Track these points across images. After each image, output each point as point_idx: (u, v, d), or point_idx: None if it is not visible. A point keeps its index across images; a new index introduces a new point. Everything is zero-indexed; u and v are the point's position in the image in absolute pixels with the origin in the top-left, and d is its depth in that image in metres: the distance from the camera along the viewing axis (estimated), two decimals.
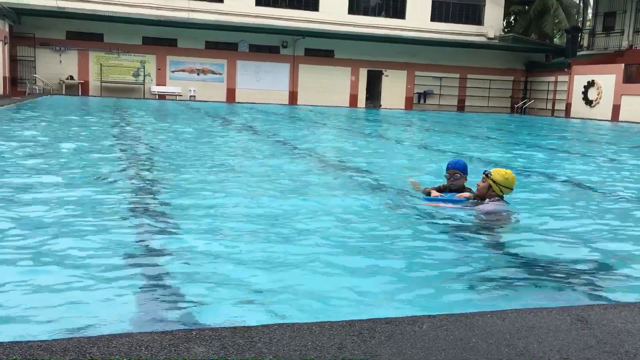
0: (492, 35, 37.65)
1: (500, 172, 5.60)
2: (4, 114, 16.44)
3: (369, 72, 36.40)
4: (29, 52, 30.73)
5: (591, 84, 32.85)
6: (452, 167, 6.13)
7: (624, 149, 14.45)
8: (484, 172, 5.69)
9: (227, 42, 33.82)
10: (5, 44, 28.35)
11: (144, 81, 32.80)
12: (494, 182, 5.55)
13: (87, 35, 31.67)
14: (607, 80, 31.80)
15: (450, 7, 37.35)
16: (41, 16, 30.06)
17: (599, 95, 32.38)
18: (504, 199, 5.66)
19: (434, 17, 36.99)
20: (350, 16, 35.41)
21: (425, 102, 37.35)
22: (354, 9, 35.71)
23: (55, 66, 31.34)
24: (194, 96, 33.10)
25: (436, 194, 6.04)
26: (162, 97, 32.74)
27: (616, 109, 31.18)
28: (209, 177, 7.32)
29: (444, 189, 6.16)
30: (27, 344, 2.20)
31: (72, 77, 31.61)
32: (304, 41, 34.52)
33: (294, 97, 35.30)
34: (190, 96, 33.03)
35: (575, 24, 39.73)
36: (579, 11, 42.47)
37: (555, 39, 44.62)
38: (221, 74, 34.11)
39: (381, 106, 36.52)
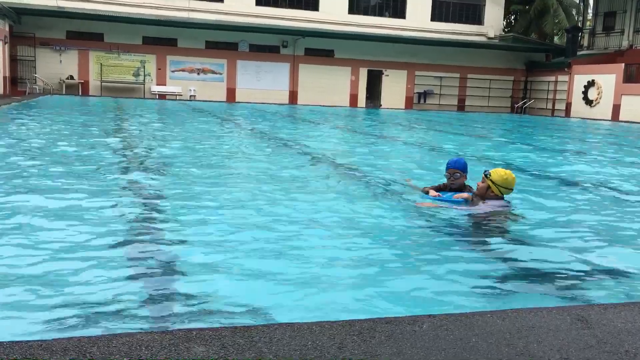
0: (492, 35, 37.66)
1: (499, 173, 5.59)
2: (4, 114, 16.43)
3: (369, 71, 36.41)
4: (29, 52, 30.74)
5: (591, 84, 32.85)
6: (452, 167, 6.12)
7: (625, 149, 14.44)
8: (484, 172, 5.69)
9: (227, 42, 33.82)
10: (5, 43, 28.36)
11: (144, 81, 32.80)
12: (493, 182, 5.54)
13: (87, 35, 31.67)
14: (607, 80, 31.81)
15: (450, 7, 37.36)
16: (41, 16, 30.07)
17: (599, 95, 32.39)
18: (504, 199, 5.66)
19: (434, 17, 37.01)
20: (350, 16, 35.42)
21: (425, 102, 37.35)
22: (354, 9, 35.72)
23: (55, 66, 31.34)
24: (194, 96, 33.11)
25: (434, 193, 6.03)
26: (162, 96, 32.74)
27: (616, 109, 31.18)
28: (209, 177, 7.31)
29: (444, 188, 6.16)
30: (27, 343, 2.20)
31: (72, 77, 31.61)
32: (304, 41, 34.53)
33: (294, 96, 35.29)
34: (190, 96, 33.03)
35: (575, 24, 39.73)
36: (579, 11, 42.46)
37: (555, 38, 44.61)
38: (221, 74, 34.11)
39: (381, 106, 36.52)
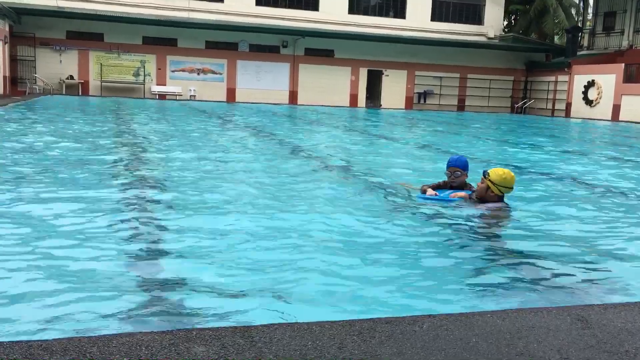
0: (492, 35, 37.65)
1: (497, 172, 5.58)
2: (3, 114, 16.43)
3: (369, 71, 36.40)
4: (29, 52, 30.73)
5: (591, 84, 32.85)
6: (452, 165, 6.12)
7: (626, 149, 14.44)
8: (483, 173, 5.68)
9: (227, 42, 33.82)
10: (5, 43, 28.35)
11: (144, 81, 32.80)
12: (492, 182, 5.53)
13: (87, 35, 31.67)
14: (607, 80, 31.81)
15: (450, 7, 37.35)
16: (41, 16, 30.06)
17: (599, 95, 32.39)
18: (504, 199, 5.65)
19: (434, 17, 37.00)
20: (350, 16, 35.42)
21: (425, 102, 37.34)
22: (354, 9, 35.72)
23: (55, 66, 31.34)
24: (194, 96, 33.11)
25: (431, 192, 6.03)
26: (162, 96, 32.74)
27: (616, 109, 31.18)
28: (210, 178, 7.31)
29: (445, 186, 6.16)
30: (27, 344, 2.20)
31: (72, 77, 31.61)
32: (304, 41, 34.52)
33: (294, 96, 35.29)
34: (190, 96, 33.03)
35: (575, 24, 39.73)
36: (578, 11, 42.47)
37: (555, 38, 44.61)
38: (221, 74, 34.11)
39: (381, 106, 36.51)
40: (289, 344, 2.29)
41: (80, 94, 31.40)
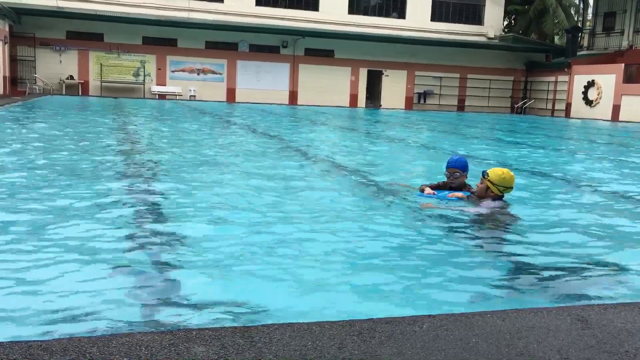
0: (492, 35, 37.67)
1: (496, 172, 5.58)
2: (3, 114, 16.44)
3: (369, 72, 36.42)
4: (29, 52, 30.74)
5: (591, 84, 32.86)
6: (452, 166, 6.12)
7: (626, 149, 14.45)
8: (482, 173, 5.68)
9: (227, 42, 33.83)
10: (5, 43, 28.36)
11: (144, 81, 32.81)
12: (491, 182, 5.53)
13: (87, 35, 31.68)
14: (607, 80, 31.82)
15: (450, 7, 37.37)
16: (41, 16, 30.08)
17: (599, 95, 32.40)
18: (503, 198, 5.65)
19: (434, 17, 37.02)
20: (350, 16, 35.44)
21: (425, 102, 37.36)
22: (354, 9, 35.74)
23: (55, 66, 31.35)
24: (194, 96, 33.12)
25: (429, 191, 6.03)
26: (162, 97, 32.75)
27: (616, 109, 31.20)
28: (211, 177, 7.31)
29: (444, 186, 6.16)
30: (27, 344, 2.19)
31: (72, 77, 31.62)
32: (304, 41, 34.53)
33: (294, 97, 35.30)
34: (190, 96, 33.05)
35: (575, 24, 39.74)
36: (578, 11, 42.47)
37: (555, 38, 44.62)
38: (221, 74, 34.12)
39: (381, 106, 36.52)
40: (289, 344, 2.28)
41: (80, 94, 31.42)
